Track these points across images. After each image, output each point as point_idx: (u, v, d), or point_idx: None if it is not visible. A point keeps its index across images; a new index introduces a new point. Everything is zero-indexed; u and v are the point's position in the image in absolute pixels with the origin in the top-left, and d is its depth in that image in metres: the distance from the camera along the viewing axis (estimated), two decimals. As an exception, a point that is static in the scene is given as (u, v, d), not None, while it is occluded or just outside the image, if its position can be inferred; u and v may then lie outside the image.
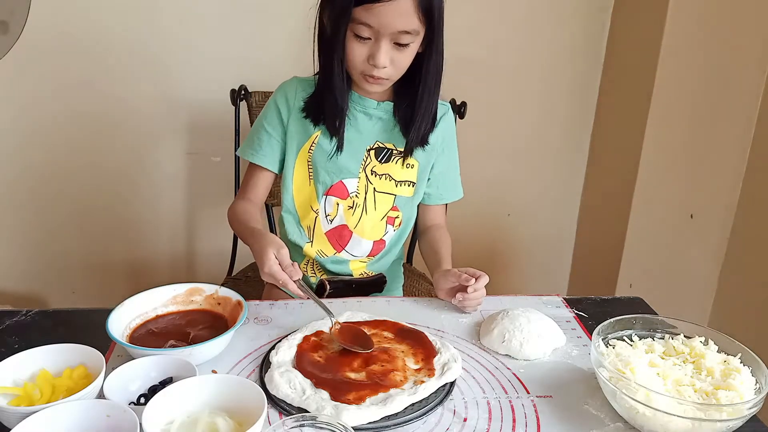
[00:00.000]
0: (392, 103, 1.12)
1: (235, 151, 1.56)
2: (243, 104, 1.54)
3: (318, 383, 0.80)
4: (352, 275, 1.21)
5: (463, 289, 1.00)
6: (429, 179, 1.20)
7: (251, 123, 1.56)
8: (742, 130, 1.78)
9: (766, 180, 1.75)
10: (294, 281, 0.92)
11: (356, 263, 1.21)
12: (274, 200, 1.60)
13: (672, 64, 1.68)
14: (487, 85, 1.89)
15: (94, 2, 1.65)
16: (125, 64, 1.72)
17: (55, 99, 1.72)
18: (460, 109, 1.51)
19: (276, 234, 1.58)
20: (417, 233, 1.27)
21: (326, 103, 1.07)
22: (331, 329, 0.91)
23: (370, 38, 0.98)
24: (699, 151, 1.80)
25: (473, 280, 1.00)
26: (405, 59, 1.02)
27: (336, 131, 1.09)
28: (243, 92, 1.52)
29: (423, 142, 1.13)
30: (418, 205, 1.24)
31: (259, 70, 1.70)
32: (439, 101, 1.12)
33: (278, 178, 1.19)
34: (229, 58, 1.75)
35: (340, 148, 1.11)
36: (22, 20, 1.63)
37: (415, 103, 1.08)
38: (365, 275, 1.22)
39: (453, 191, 1.26)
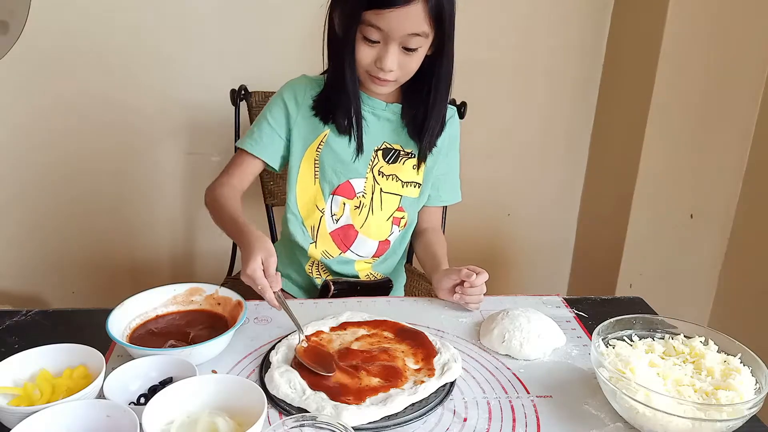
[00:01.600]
0: (400, 105, 1.12)
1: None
2: (243, 104, 1.54)
3: (317, 384, 0.80)
4: (358, 277, 1.21)
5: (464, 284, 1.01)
6: (435, 181, 1.21)
7: (251, 123, 1.56)
8: (742, 130, 1.79)
9: (766, 180, 1.75)
10: (273, 291, 0.90)
11: (362, 264, 1.21)
12: (274, 200, 1.60)
13: (672, 64, 1.68)
14: (487, 85, 1.88)
15: (94, 2, 1.65)
16: (125, 64, 1.72)
17: (55, 99, 1.72)
18: (460, 109, 1.51)
19: (277, 235, 1.58)
20: (412, 234, 1.27)
21: (338, 105, 1.07)
22: (297, 346, 0.87)
23: (378, 41, 0.98)
24: (699, 151, 1.80)
25: (474, 275, 1.00)
26: (413, 63, 1.02)
27: (347, 131, 1.09)
28: (243, 92, 1.52)
29: (433, 145, 1.14)
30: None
31: (259, 70, 1.70)
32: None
33: (278, 177, 1.18)
34: (229, 58, 1.75)
35: (360, 150, 1.11)
36: (22, 20, 1.63)
37: (427, 110, 1.09)
38: (371, 277, 1.22)
39: (452, 194, 1.26)
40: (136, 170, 1.84)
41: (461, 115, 1.51)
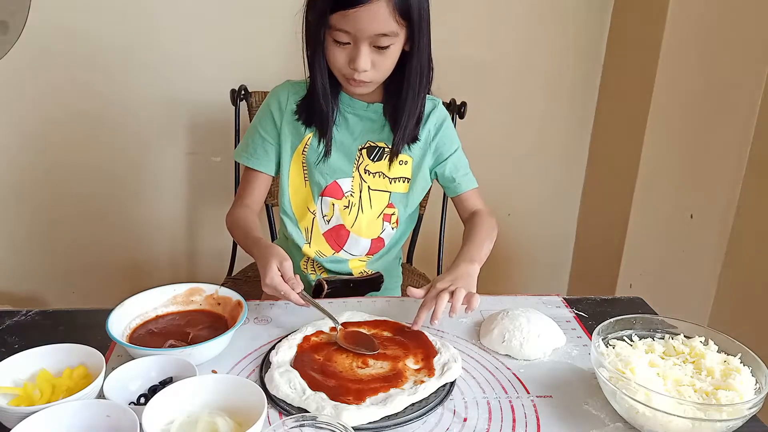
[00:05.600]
0: (381, 105, 1.12)
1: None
2: (243, 104, 1.54)
3: (317, 384, 0.80)
4: (352, 274, 1.21)
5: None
6: (444, 172, 1.18)
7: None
8: (742, 130, 1.78)
9: (766, 180, 1.75)
10: (297, 293, 0.93)
11: (355, 262, 1.21)
12: (274, 200, 1.60)
13: (672, 64, 1.68)
14: (488, 86, 1.89)
15: (93, 3, 1.65)
16: (125, 64, 1.72)
17: (54, 99, 1.72)
18: (460, 109, 1.51)
19: (276, 234, 1.59)
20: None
21: (317, 109, 1.08)
22: (336, 334, 0.91)
23: (349, 43, 0.98)
24: (699, 151, 1.80)
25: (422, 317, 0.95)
26: (386, 61, 1.01)
27: (324, 135, 1.10)
28: (243, 92, 1.52)
29: (412, 140, 1.13)
30: (454, 202, 1.22)
31: (259, 70, 1.70)
32: (428, 96, 1.12)
33: (275, 180, 1.19)
34: (229, 58, 1.75)
35: (327, 153, 1.11)
36: (22, 20, 1.63)
37: (399, 103, 1.08)
38: (364, 274, 1.22)
39: (468, 180, 1.21)
40: (136, 170, 1.84)
41: (461, 116, 1.51)
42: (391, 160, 1.14)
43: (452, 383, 0.83)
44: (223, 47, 1.74)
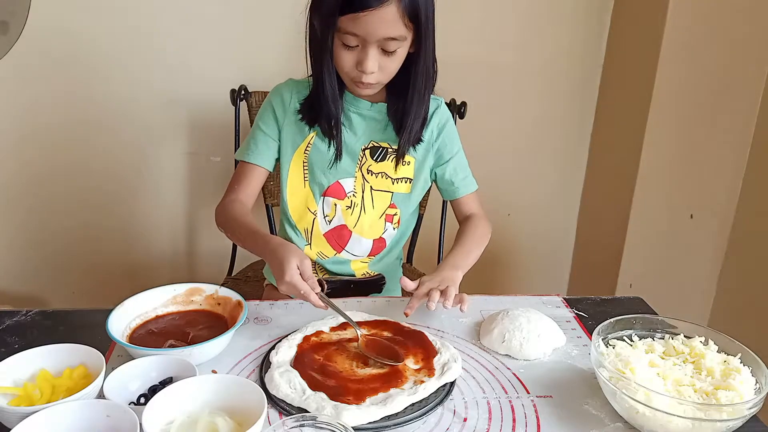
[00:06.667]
0: (385, 104, 1.12)
1: (235, 151, 1.56)
2: (243, 104, 1.54)
3: (317, 384, 0.80)
4: (354, 275, 1.21)
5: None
6: (444, 175, 1.18)
7: (251, 123, 1.56)
8: (742, 130, 1.79)
9: (766, 180, 1.75)
10: (315, 293, 0.91)
11: (357, 263, 1.21)
12: (274, 200, 1.60)
13: (672, 64, 1.68)
14: (487, 85, 1.88)
15: (93, 2, 1.65)
16: (125, 64, 1.72)
17: (54, 99, 1.72)
18: (460, 109, 1.51)
19: (277, 235, 1.58)
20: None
21: (321, 109, 1.08)
22: (358, 342, 0.89)
23: (357, 45, 0.98)
24: (699, 151, 1.80)
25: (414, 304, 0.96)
26: (393, 64, 1.02)
27: (333, 137, 1.10)
28: (243, 92, 1.52)
29: (416, 141, 1.13)
30: (451, 204, 1.23)
31: (259, 70, 1.70)
32: (432, 96, 1.12)
33: (278, 177, 1.18)
34: (228, 58, 1.75)
35: (338, 156, 1.11)
36: (22, 20, 1.63)
37: (405, 106, 1.08)
38: (366, 275, 1.22)
39: (466, 183, 1.21)
40: (136, 170, 1.84)
41: (461, 116, 1.51)
42: (397, 162, 1.14)
43: (452, 383, 0.83)
44: (223, 47, 1.74)
